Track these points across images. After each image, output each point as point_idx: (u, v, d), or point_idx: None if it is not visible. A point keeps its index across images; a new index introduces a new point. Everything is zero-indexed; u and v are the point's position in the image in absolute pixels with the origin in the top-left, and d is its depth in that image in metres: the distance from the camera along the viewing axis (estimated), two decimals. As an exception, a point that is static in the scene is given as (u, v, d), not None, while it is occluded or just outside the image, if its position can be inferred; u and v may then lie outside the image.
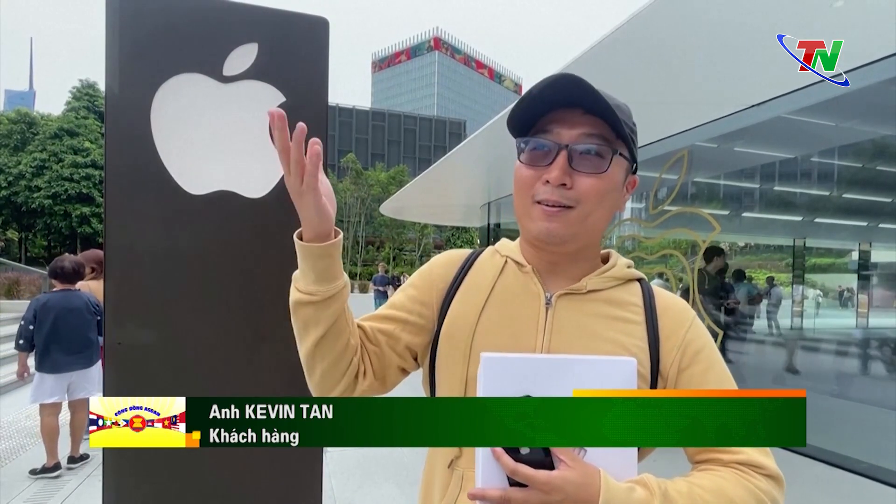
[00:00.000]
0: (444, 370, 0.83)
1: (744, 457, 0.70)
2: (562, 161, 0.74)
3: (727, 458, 0.71)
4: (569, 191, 0.75)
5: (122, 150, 1.51)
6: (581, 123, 0.75)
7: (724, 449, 0.71)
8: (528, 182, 0.78)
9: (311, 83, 1.65)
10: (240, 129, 1.58)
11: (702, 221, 5.37)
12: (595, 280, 0.82)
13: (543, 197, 0.76)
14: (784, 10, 3.07)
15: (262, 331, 1.62)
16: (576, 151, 0.75)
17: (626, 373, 0.68)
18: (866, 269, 6.15)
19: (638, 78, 4.27)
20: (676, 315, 0.81)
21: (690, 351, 0.78)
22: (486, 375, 0.67)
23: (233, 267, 1.59)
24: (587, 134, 0.75)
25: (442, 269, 0.90)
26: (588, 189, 0.75)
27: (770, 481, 0.70)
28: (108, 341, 1.51)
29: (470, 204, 12.16)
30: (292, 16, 1.65)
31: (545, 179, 0.75)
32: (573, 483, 0.62)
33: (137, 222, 1.52)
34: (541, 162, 0.76)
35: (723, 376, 0.78)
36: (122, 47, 1.49)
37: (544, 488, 0.62)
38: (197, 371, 1.58)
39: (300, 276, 0.79)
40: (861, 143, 5.05)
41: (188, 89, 1.54)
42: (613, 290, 0.82)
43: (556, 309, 0.80)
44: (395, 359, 0.86)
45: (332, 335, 0.77)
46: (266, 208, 1.60)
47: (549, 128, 0.76)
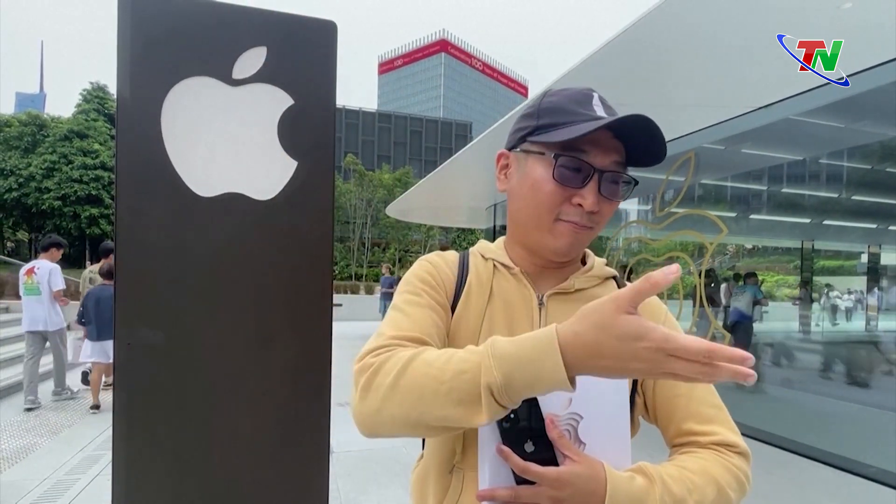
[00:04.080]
0: None
1: (719, 437, 0.76)
2: (595, 186, 0.76)
3: (704, 439, 0.77)
4: (594, 214, 0.78)
5: (132, 152, 1.52)
6: (612, 149, 0.76)
7: (702, 430, 0.77)
8: (555, 199, 0.78)
9: (320, 86, 1.66)
10: (249, 132, 1.59)
11: (708, 223, 5.34)
12: (581, 279, 0.86)
13: (572, 219, 0.78)
14: (791, 11, 3.05)
15: (270, 332, 1.63)
16: (607, 179, 0.77)
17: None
18: (876, 272, 6.09)
19: (645, 79, 4.26)
20: (651, 310, 0.86)
21: None
22: None
23: (242, 269, 1.60)
24: (616, 161, 0.77)
25: (449, 268, 0.90)
26: (606, 213, 0.79)
27: (741, 458, 0.76)
28: (118, 342, 1.52)
29: (475, 206, 12.16)
30: (301, 19, 1.66)
31: (577, 203, 0.77)
32: (581, 477, 0.64)
33: (147, 224, 1.54)
34: (571, 182, 0.76)
35: None
36: (132, 51, 1.51)
37: (555, 484, 0.64)
38: (205, 372, 1.59)
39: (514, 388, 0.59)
40: (870, 146, 5.01)
41: (198, 92, 1.55)
42: (596, 288, 0.87)
43: (548, 309, 0.83)
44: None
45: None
46: (275, 210, 1.61)
47: (585, 147, 0.76)
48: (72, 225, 29.95)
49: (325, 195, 1.67)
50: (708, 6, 3.20)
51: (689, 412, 0.79)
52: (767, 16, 3.12)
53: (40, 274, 5.39)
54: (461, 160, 8.26)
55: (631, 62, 4.04)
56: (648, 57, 3.93)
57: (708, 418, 0.78)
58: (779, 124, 4.59)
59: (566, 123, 0.76)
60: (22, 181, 29.18)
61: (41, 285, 5.38)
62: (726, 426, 0.78)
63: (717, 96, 4.45)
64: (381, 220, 36.49)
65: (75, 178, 29.25)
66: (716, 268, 5.47)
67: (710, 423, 0.78)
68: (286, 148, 1.62)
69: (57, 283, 5.45)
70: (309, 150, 1.64)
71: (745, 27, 3.29)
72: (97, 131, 30.70)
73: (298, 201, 1.63)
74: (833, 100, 4.08)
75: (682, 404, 0.80)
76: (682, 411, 0.79)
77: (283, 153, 1.62)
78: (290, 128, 1.62)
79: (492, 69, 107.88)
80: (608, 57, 3.96)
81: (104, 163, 29.45)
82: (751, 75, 3.96)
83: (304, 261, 1.65)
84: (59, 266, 5.59)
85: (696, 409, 0.79)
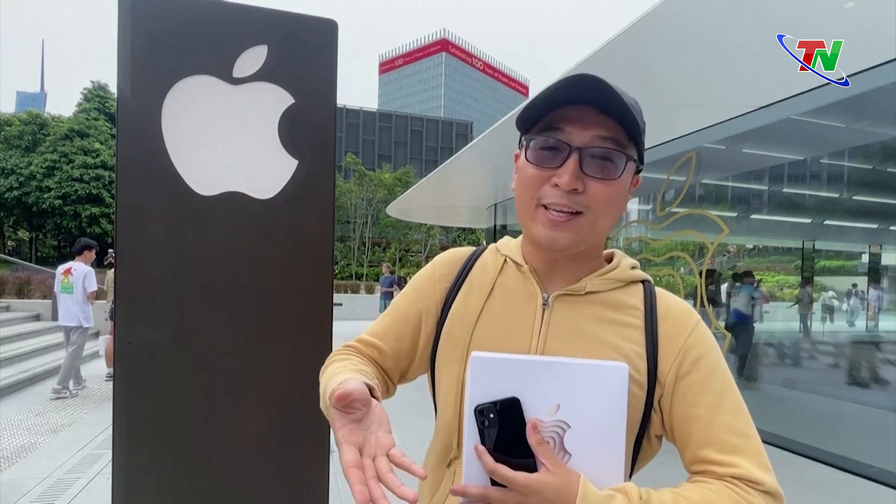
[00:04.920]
0: (443, 369, 0.83)
1: (740, 470, 0.66)
2: (573, 165, 0.70)
3: (722, 470, 0.67)
4: (579, 195, 0.71)
5: (133, 151, 1.52)
6: (595, 124, 0.70)
7: (721, 460, 0.68)
8: (534, 183, 0.73)
9: (320, 85, 1.66)
10: (249, 131, 1.59)
11: (709, 223, 5.34)
12: (595, 281, 0.79)
13: (551, 201, 0.72)
14: (793, 11, 3.05)
15: (270, 332, 1.63)
16: (588, 155, 0.70)
17: (616, 379, 0.66)
18: (877, 272, 6.09)
19: (646, 79, 4.26)
20: (678, 319, 0.77)
21: (691, 357, 0.74)
22: (474, 375, 0.66)
23: (242, 267, 1.60)
24: (601, 137, 0.70)
25: (445, 267, 0.90)
26: (598, 195, 0.71)
27: (767, 498, 0.66)
28: (119, 340, 1.52)
29: (476, 205, 12.17)
30: (302, 18, 1.66)
31: (554, 182, 0.71)
32: (551, 487, 0.61)
33: (148, 222, 1.54)
34: (549, 163, 0.72)
35: (725, 385, 0.73)
36: (133, 50, 1.51)
37: (522, 490, 0.62)
38: (205, 371, 1.59)
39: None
40: (871, 146, 5.01)
41: (199, 91, 1.55)
42: (613, 292, 0.79)
43: (553, 310, 0.78)
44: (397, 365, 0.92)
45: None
46: (275, 209, 1.61)
47: (561, 126, 0.71)
48: (72, 224, 29.97)
49: (325, 194, 1.67)
50: (708, 6, 3.19)
51: (707, 438, 0.70)
52: (769, 15, 3.12)
53: (76, 275, 5.95)
54: (462, 160, 8.26)
55: (632, 62, 4.04)
56: (649, 56, 3.93)
57: (730, 448, 0.68)
58: (780, 124, 4.59)
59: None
60: (22, 180, 29.22)
61: (75, 285, 5.92)
62: (752, 459, 0.68)
63: (717, 96, 4.45)
64: (381, 220, 36.49)
65: (76, 177, 29.28)
66: (717, 268, 5.46)
67: (733, 453, 0.68)
68: (287, 147, 1.62)
69: (91, 285, 6.02)
70: (309, 149, 1.64)
71: (745, 27, 3.29)
72: (98, 130, 30.74)
73: (299, 200, 1.63)
74: (834, 100, 4.07)
75: (699, 428, 0.71)
76: (698, 436, 0.71)
77: (283, 152, 1.62)
78: (291, 127, 1.62)
79: (493, 69, 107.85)
80: (609, 56, 3.96)
81: (105, 162, 29.49)
82: (751, 75, 3.96)
83: (304, 260, 1.65)
84: (93, 269, 6.21)
85: (716, 436, 0.69)
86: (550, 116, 0.73)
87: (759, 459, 0.68)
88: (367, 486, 0.57)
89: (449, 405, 0.81)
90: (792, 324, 6.57)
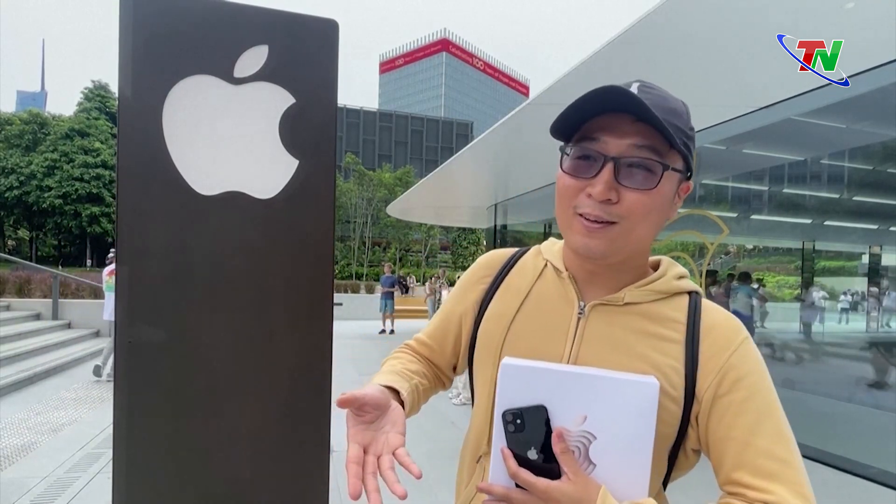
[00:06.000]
0: (479, 368, 0.86)
1: (773, 498, 0.63)
2: (607, 175, 0.68)
3: (753, 495, 0.64)
4: (613, 206, 0.69)
5: (134, 150, 1.52)
6: (631, 133, 0.69)
7: (754, 484, 0.65)
8: (570, 192, 0.73)
9: (321, 85, 1.66)
10: (250, 131, 1.59)
11: (710, 223, 5.34)
12: (635, 292, 0.76)
13: (585, 210, 0.71)
14: (793, 11, 3.05)
15: (271, 331, 1.63)
16: (624, 165, 0.69)
17: (646, 394, 0.65)
18: (877, 273, 6.09)
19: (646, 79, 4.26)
20: (722, 336, 0.74)
21: (731, 377, 0.70)
22: (504, 381, 0.67)
23: (243, 267, 1.60)
24: (637, 146, 0.69)
25: (485, 269, 0.93)
26: (634, 205, 0.69)
27: None
28: (120, 340, 1.53)
29: (477, 205, 12.17)
30: (302, 18, 1.66)
31: (588, 192, 0.70)
32: (569, 495, 0.62)
33: (148, 222, 1.54)
34: (584, 173, 0.71)
35: (767, 408, 0.69)
36: (134, 49, 1.51)
37: (542, 496, 0.63)
38: (206, 370, 1.59)
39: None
40: (872, 146, 5.01)
41: (199, 91, 1.56)
42: (654, 303, 0.76)
43: (589, 319, 0.77)
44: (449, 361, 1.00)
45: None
46: (276, 209, 1.61)
47: (596, 135, 0.70)
48: (73, 223, 30.00)
49: (325, 194, 1.67)
50: (708, 6, 3.19)
51: (742, 461, 0.67)
52: (770, 16, 3.12)
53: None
54: (462, 159, 8.26)
55: (632, 62, 4.04)
56: (649, 56, 3.93)
57: (766, 473, 0.65)
58: (780, 125, 4.59)
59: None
60: (23, 179, 29.24)
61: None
62: (790, 488, 0.64)
63: (717, 97, 4.45)
64: (381, 220, 36.50)
65: (76, 176, 29.31)
66: (717, 268, 5.46)
67: (768, 478, 0.64)
68: (287, 146, 1.62)
69: None
70: (310, 149, 1.64)
71: (745, 27, 3.29)
72: (98, 130, 30.77)
73: (299, 200, 1.63)
74: (835, 100, 4.07)
75: (734, 450, 0.68)
76: (733, 458, 0.68)
77: (284, 152, 1.62)
78: (292, 126, 1.62)
79: (493, 69, 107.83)
80: (609, 56, 3.96)
81: (105, 161, 29.51)
82: (751, 76, 3.96)
83: (304, 259, 1.65)
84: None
85: (751, 459, 0.66)
86: (587, 125, 0.72)
87: (798, 489, 0.64)
88: (360, 481, 0.64)
89: (482, 403, 0.83)
90: (791, 324, 6.57)
